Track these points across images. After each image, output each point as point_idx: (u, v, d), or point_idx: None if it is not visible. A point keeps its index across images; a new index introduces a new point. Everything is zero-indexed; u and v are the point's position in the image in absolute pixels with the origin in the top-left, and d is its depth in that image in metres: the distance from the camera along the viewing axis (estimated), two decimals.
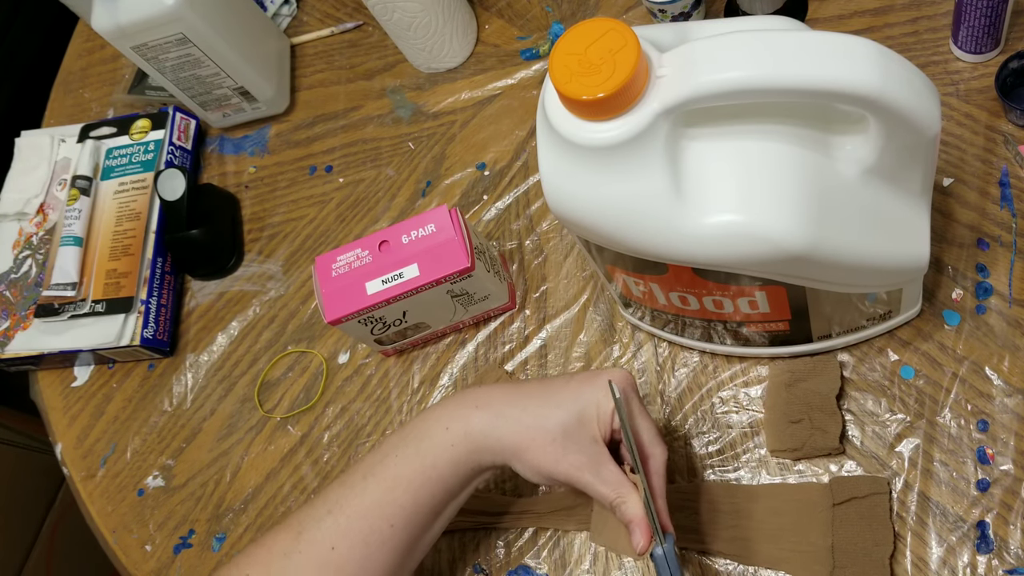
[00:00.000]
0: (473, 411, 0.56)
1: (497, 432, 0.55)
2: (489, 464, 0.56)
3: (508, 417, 0.55)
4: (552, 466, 0.54)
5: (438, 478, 0.55)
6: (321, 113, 0.93)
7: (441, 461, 0.55)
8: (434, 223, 0.70)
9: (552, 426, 0.55)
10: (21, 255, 0.91)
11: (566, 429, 0.54)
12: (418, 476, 0.55)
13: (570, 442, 0.54)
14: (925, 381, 0.64)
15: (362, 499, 0.55)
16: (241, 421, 0.81)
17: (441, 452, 0.55)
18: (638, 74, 0.46)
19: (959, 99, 0.71)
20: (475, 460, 0.56)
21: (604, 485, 0.54)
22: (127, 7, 0.79)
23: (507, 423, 0.55)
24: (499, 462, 0.56)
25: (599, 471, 0.54)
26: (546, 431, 0.54)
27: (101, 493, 0.82)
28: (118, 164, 0.92)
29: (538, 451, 0.54)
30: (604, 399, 0.55)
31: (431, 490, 0.56)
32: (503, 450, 0.55)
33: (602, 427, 0.55)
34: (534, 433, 0.55)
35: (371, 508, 0.55)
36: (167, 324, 0.86)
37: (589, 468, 0.54)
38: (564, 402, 0.55)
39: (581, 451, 0.54)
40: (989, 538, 0.59)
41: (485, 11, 0.91)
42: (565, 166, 0.51)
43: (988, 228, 0.67)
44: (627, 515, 0.53)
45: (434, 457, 0.55)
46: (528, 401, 0.56)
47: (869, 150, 0.49)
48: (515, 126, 0.85)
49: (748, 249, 0.49)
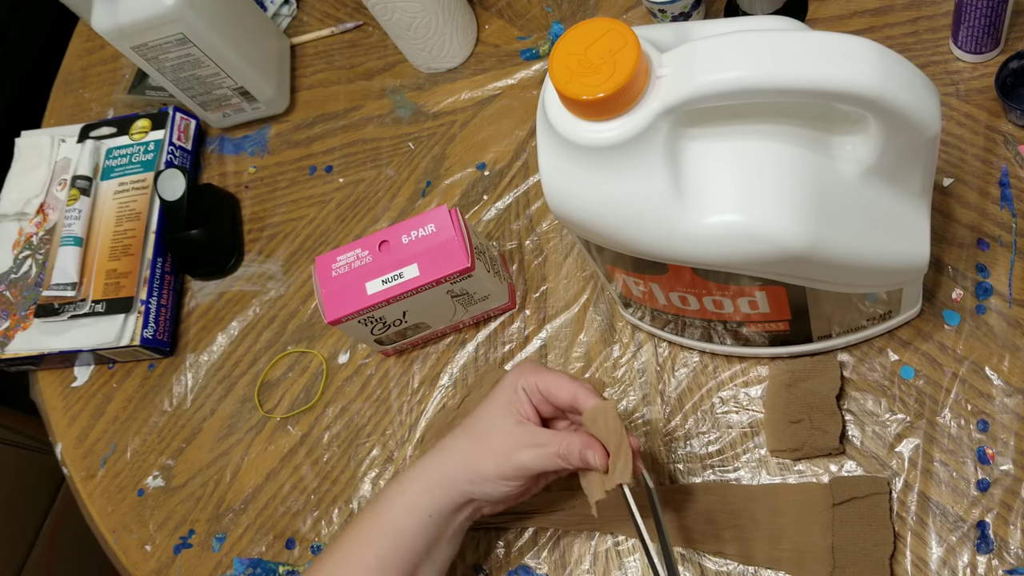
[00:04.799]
0: (419, 463, 0.59)
1: (438, 464, 0.58)
2: (447, 505, 0.58)
3: (443, 447, 0.59)
4: (495, 465, 0.57)
5: (396, 530, 0.57)
6: (321, 113, 0.93)
7: (395, 511, 0.57)
8: (434, 223, 0.70)
9: (477, 433, 0.58)
10: (21, 255, 0.91)
11: (491, 426, 0.58)
12: (376, 531, 0.57)
13: (497, 433, 0.57)
14: (925, 381, 0.64)
15: (324, 565, 0.58)
16: (241, 421, 0.81)
17: (392, 501, 0.58)
18: (638, 74, 0.46)
19: (959, 99, 0.71)
20: (428, 503, 0.57)
21: (544, 447, 0.56)
22: (127, 7, 0.79)
23: (443, 452, 0.59)
24: (457, 498, 0.58)
25: (533, 438, 0.57)
26: (476, 438, 0.58)
27: (101, 493, 0.82)
28: (118, 164, 0.92)
29: (479, 459, 0.57)
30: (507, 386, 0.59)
31: (391, 543, 0.57)
32: (453, 478, 0.57)
33: (521, 408, 0.58)
34: (467, 445, 0.58)
35: (333, 571, 0.57)
36: (167, 324, 0.86)
37: (524, 443, 0.57)
38: (480, 413, 0.60)
39: (509, 436, 0.57)
40: (989, 538, 0.59)
41: (485, 11, 0.91)
42: (565, 166, 0.51)
43: (988, 228, 0.67)
44: (575, 452, 0.55)
45: (387, 509, 0.58)
46: (457, 431, 0.60)
47: (869, 150, 0.49)
48: (515, 126, 0.85)
49: (748, 249, 0.49)
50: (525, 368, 0.59)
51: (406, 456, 0.75)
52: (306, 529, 0.75)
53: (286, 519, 0.76)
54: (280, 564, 0.74)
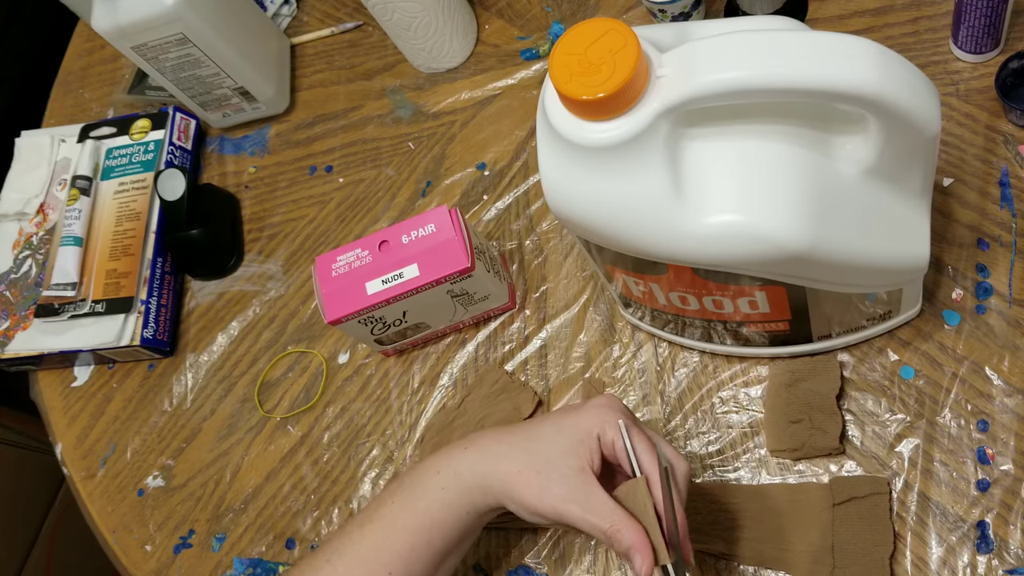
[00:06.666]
0: (462, 452, 0.56)
1: (483, 468, 0.55)
2: (484, 506, 0.56)
3: (495, 454, 0.55)
4: (537, 500, 0.53)
5: (432, 524, 0.55)
6: (321, 113, 0.93)
7: (434, 505, 0.55)
8: (434, 223, 0.70)
9: (536, 459, 0.54)
10: (21, 255, 0.91)
11: (550, 460, 0.53)
12: (412, 521, 0.55)
13: (554, 472, 0.53)
14: (925, 381, 0.64)
15: (359, 547, 0.55)
16: (241, 421, 0.81)
17: (433, 496, 0.55)
18: (638, 74, 0.46)
19: (959, 99, 0.71)
20: (468, 502, 0.55)
21: (594, 515, 0.51)
22: (127, 7, 0.79)
23: (493, 459, 0.55)
24: (493, 503, 0.55)
25: (587, 501, 0.52)
26: (530, 464, 0.53)
27: (101, 493, 0.82)
28: (118, 164, 0.92)
29: (524, 485, 0.53)
30: (587, 426, 0.54)
31: (427, 536, 0.55)
32: (492, 488, 0.55)
33: (590, 456, 0.53)
34: (519, 467, 0.54)
35: (367, 555, 0.55)
36: (167, 324, 0.86)
37: (575, 500, 0.52)
38: (547, 434, 0.55)
39: (566, 482, 0.52)
40: (989, 538, 0.59)
41: (485, 11, 0.91)
42: (565, 166, 0.51)
43: (988, 228, 0.67)
44: (623, 543, 0.50)
45: (427, 502, 0.55)
46: (514, 438, 0.56)
47: (869, 150, 0.49)
48: (515, 126, 0.85)
49: (748, 249, 0.49)
50: (611, 418, 0.54)
51: (406, 456, 0.75)
52: (306, 529, 0.75)
53: (286, 519, 0.76)
54: (280, 564, 0.74)
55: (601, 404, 0.55)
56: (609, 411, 0.54)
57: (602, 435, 0.54)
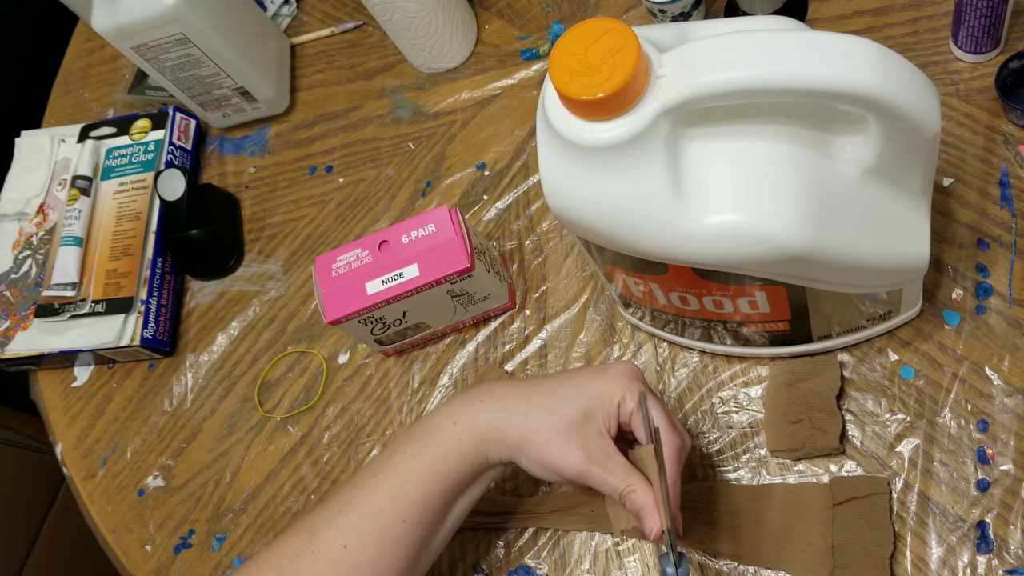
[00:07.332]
0: (479, 405, 0.57)
1: (502, 424, 0.56)
2: (496, 459, 0.57)
3: (514, 411, 0.56)
4: (557, 460, 0.54)
5: (447, 472, 0.56)
6: (321, 113, 0.93)
7: (451, 455, 0.56)
8: (434, 223, 0.70)
9: (557, 419, 0.55)
10: (21, 255, 0.91)
11: (571, 422, 0.55)
12: (428, 471, 0.56)
13: (575, 435, 0.54)
14: (925, 381, 0.64)
15: (374, 497, 0.56)
16: (241, 421, 0.81)
17: (450, 446, 0.56)
18: (638, 74, 0.46)
19: (959, 99, 0.71)
20: (483, 453, 0.56)
21: (611, 475, 0.54)
22: (127, 7, 0.79)
23: (513, 416, 0.56)
24: (506, 457, 0.56)
25: (605, 462, 0.54)
26: (551, 424, 0.55)
27: (101, 493, 0.82)
28: (118, 164, 0.92)
29: (543, 444, 0.55)
30: (609, 393, 0.55)
31: (442, 485, 0.56)
32: (508, 443, 0.56)
33: (608, 421, 0.55)
34: (539, 426, 0.55)
35: (383, 505, 0.55)
36: (167, 324, 0.86)
37: (596, 460, 0.54)
38: (569, 396, 0.56)
39: (586, 444, 0.54)
40: (989, 538, 0.59)
41: (485, 11, 0.91)
42: (565, 166, 0.51)
43: (988, 228, 0.67)
44: (637, 503, 0.53)
45: (443, 451, 0.56)
46: (534, 395, 0.56)
47: (869, 150, 0.49)
48: (515, 126, 0.85)
49: (748, 249, 0.49)
50: (632, 387, 0.56)
51: None
52: None
53: (286, 519, 0.76)
54: None
55: (624, 373, 0.57)
56: (632, 380, 0.56)
57: (622, 403, 0.55)
